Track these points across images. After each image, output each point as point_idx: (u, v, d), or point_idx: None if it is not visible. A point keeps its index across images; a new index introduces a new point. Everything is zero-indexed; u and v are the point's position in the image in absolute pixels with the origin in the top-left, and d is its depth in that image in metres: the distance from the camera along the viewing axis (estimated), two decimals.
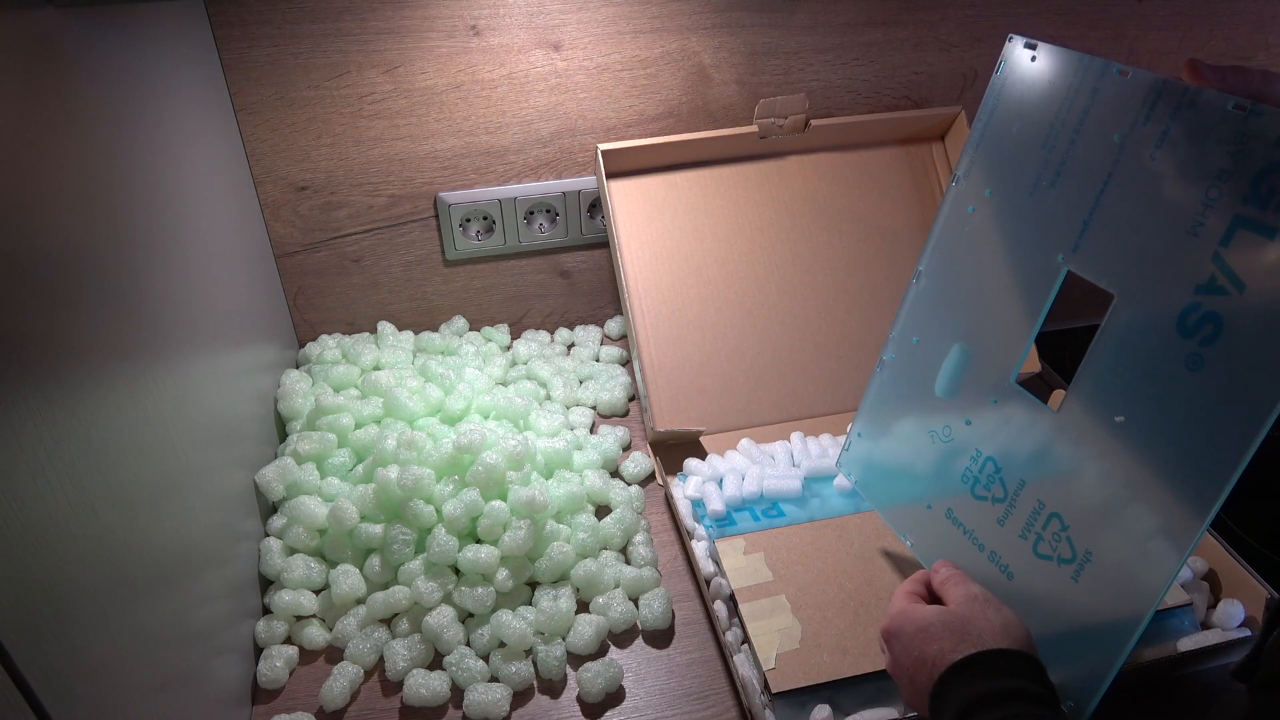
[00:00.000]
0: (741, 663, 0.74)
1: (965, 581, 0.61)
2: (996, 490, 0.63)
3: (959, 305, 0.69)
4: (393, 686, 0.77)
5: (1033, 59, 0.62)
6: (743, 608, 0.76)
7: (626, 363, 1.11)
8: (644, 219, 1.04)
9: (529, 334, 1.15)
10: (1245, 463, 0.50)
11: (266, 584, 0.84)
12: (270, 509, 0.89)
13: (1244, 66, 0.50)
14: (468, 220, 1.08)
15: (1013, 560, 0.61)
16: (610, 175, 1.03)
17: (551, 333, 1.17)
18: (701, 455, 0.95)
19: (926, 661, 0.56)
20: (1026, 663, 0.54)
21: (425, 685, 0.74)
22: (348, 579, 0.80)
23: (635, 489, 0.92)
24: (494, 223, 1.08)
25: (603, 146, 1.00)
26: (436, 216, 1.07)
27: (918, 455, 0.71)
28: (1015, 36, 0.64)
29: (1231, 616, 0.76)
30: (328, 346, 1.07)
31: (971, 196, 0.68)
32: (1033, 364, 1.03)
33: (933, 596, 0.64)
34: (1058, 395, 0.64)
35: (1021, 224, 0.64)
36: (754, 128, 1.04)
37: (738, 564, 0.80)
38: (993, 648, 0.54)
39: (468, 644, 0.78)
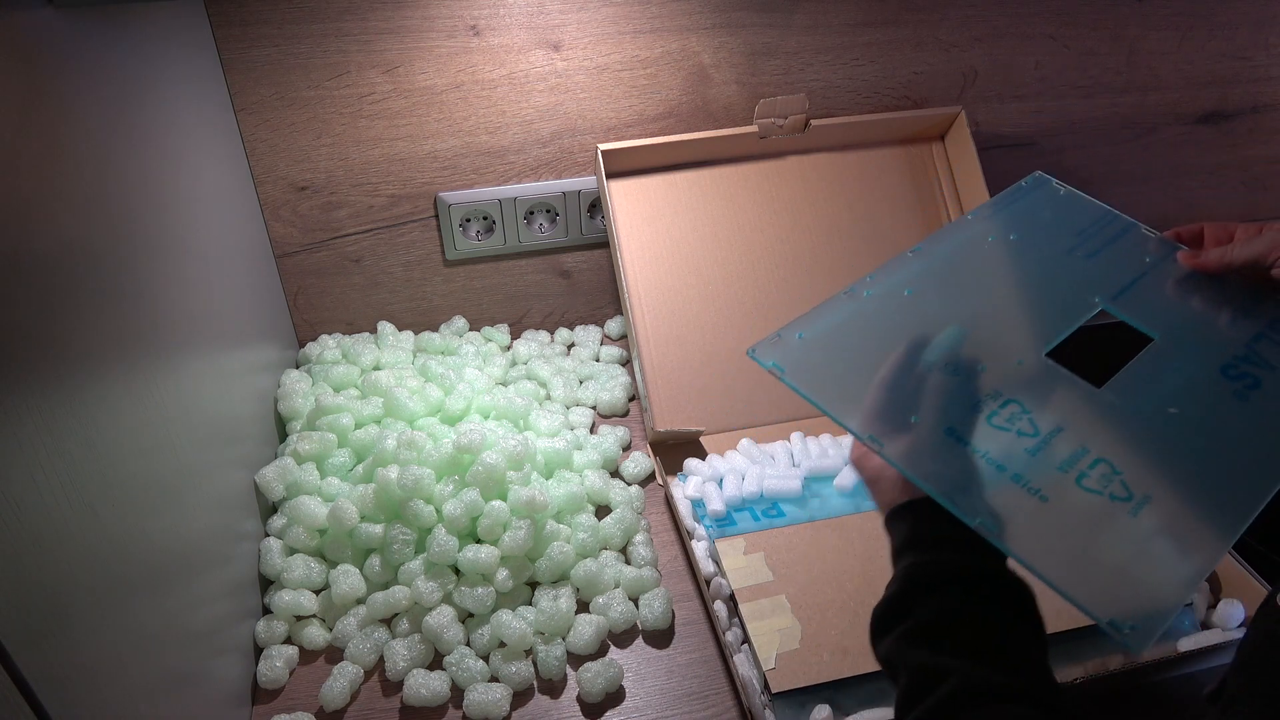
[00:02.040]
0: (741, 663, 0.74)
1: (871, 454, 0.64)
2: (1024, 426, 0.62)
3: (966, 288, 0.72)
4: (393, 686, 0.77)
5: (1062, 193, 0.75)
6: (743, 608, 0.76)
7: (626, 363, 1.11)
8: (644, 219, 1.04)
9: (529, 334, 1.15)
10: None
11: (266, 584, 0.84)
12: (270, 509, 0.89)
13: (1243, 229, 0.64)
14: (468, 220, 1.08)
15: (1047, 486, 0.59)
16: (610, 175, 1.03)
17: (551, 333, 1.17)
18: (701, 455, 0.95)
19: (886, 490, 0.61)
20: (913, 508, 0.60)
21: (425, 685, 0.74)
22: (348, 579, 0.80)
23: (635, 489, 0.92)
24: (494, 223, 1.08)
25: (603, 146, 1.00)
26: (436, 216, 1.07)
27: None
28: (1045, 175, 0.77)
29: (1231, 616, 0.76)
30: (328, 346, 1.07)
31: (993, 231, 0.74)
32: None
33: None
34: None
35: (1051, 268, 0.71)
36: (754, 128, 1.04)
37: (738, 564, 0.80)
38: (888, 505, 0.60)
39: (468, 644, 0.78)
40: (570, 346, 1.15)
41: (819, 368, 0.69)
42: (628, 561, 0.86)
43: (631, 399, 1.06)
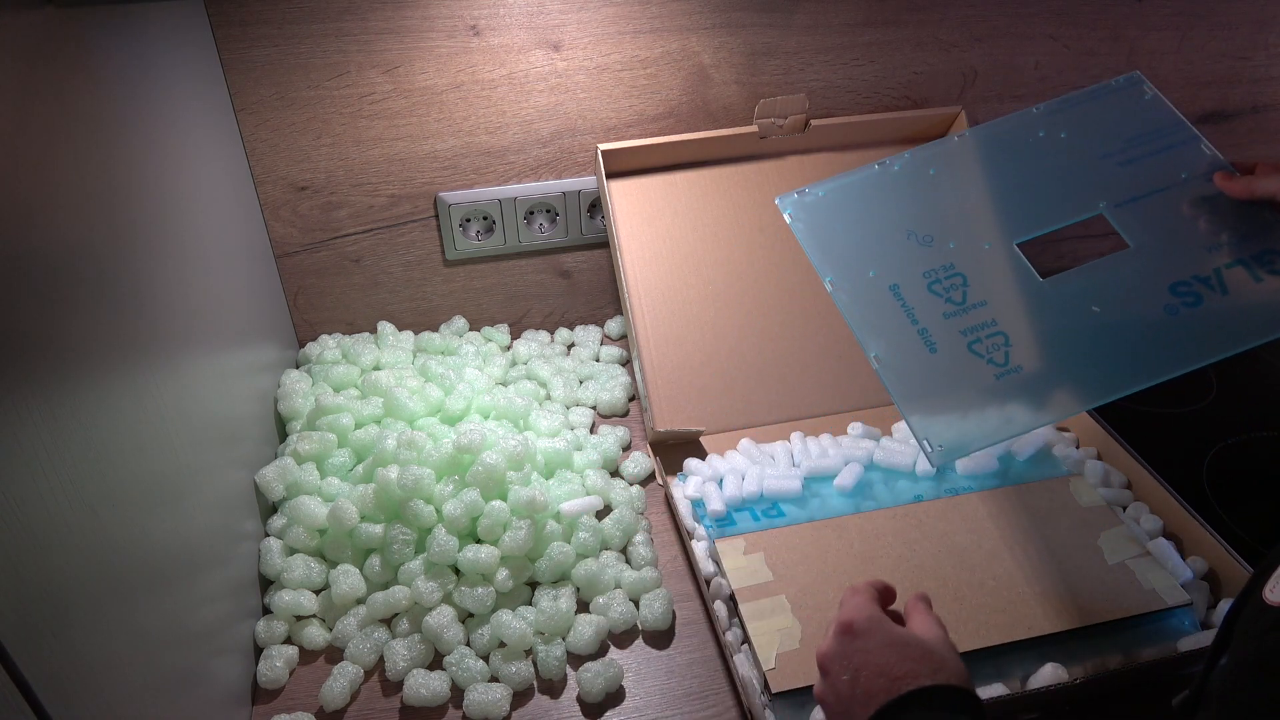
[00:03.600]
0: (741, 663, 0.74)
1: (932, 618, 0.60)
2: (955, 295, 0.73)
3: (989, 174, 0.80)
4: (393, 686, 0.77)
5: (1148, 97, 0.80)
6: (743, 608, 0.76)
7: (626, 363, 1.11)
8: (644, 219, 1.04)
9: (529, 334, 1.15)
10: (1159, 381, 0.66)
11: (266, 584, 0.84)
12: (270, 509, 0.89)
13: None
14: (468, 220, 1.08)
15: (942, 342, 0.71)
16: (610, 175, 1.03)
17: (551, 333, 1.17)
18: (701, 455, 0.95)
19: (890, 675, 0.55)
20: (980, 712, 0.54)
21: (425, 685, 0.74)
22: (348, 579, 0.80)
23: (635, 489, 0.92)
24: (494, 223, 1.08)
25: (603, 146, 1.00)
26: (436, 216, 1.07)
27: (883, 241, 0.78)
28: (1140, 77, 0.81)
29: None
30: (328, 346, 1.07)
31: (1047, 126, 0.81)
32: None
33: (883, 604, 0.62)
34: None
35: (1080, 169, 0.78)
36: (754, 128, 1.04)
37: (738, 564, 0.80)
38: (961, 685, 0.54)
39: (468, 644, 0.78)
40: (570, 346, 1.15)
41: (821, 222, 0.80)
42: (628, 562, 0.86)
43: (631, 399, 1.06)
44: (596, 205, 1.09)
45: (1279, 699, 0.43)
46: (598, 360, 1.12)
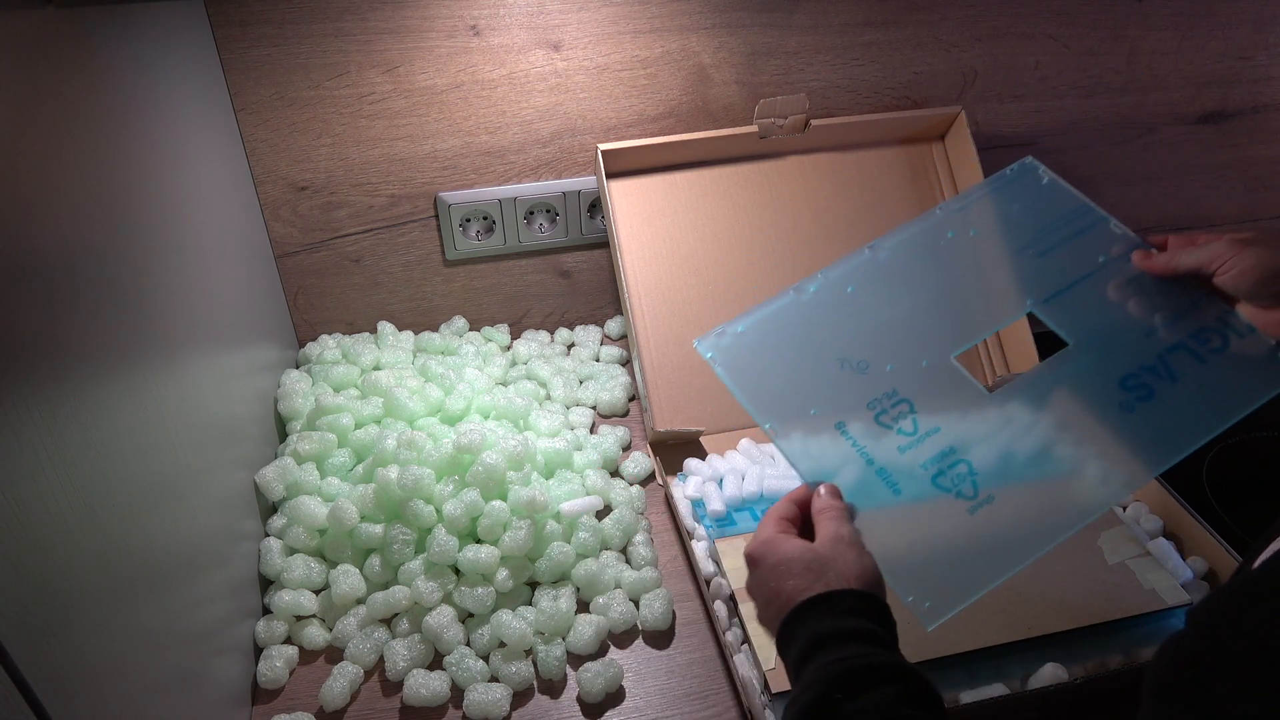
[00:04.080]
0: (741, 663, 0.74)
1: (839, 519, 0.60)
2: (905, 425, 0.68)
3: (909, 286, 0.75)
4: (393, 686, 0.77)
5: (1045, 181, 0.76)
6: (743, 608, 0.76)
7: (626, 363, 1.11)
8: (644, 219, 1.04)
9: (529, 334, 1.15)
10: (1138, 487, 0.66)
11: (266, 584, 0.84)
12: (270, 509, 0.89)
13: (1194, 240, 0.65)
14: (468, 220, 1.08)
15: (904, 481, 0.66)
16: (610, 175, 1.03)
17: (551, 333, 1.17)
18: (701, 455, 0.95)
19: (781, 595, 0.56)
20: (872, 604, 0.55)
21: (425, 685, 0.74)
22: (348, 579, 0.80)
23: (635, 489, 0.92)
24: (494, 223, 1.08)
25: (603, 146, 1.00)
26: (436, 216, 1.07)
27: (817, 374, 0.73)
28: (1034, 162, 0.77)
29: None
30: (328, 346, 1.07)
31: (955, 226, 0.76)
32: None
33: (804, 518, 0.64)
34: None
35: (998, 267, 0.73)
36: (754, 128, 1.04)
37: (738, 564, 0.80)
38: (842, 588, 0.55)
39: (468, 644, 0.78)
40: (570, 346, 1.15)
41: (747, 361, 0.74)
42: (628, 562, 0.86)
43: (631, 399, 1.06)
44: (596, 205, 1.09)
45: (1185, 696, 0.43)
46: (598, 360, 1.12)
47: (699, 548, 0.84)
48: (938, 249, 0.76)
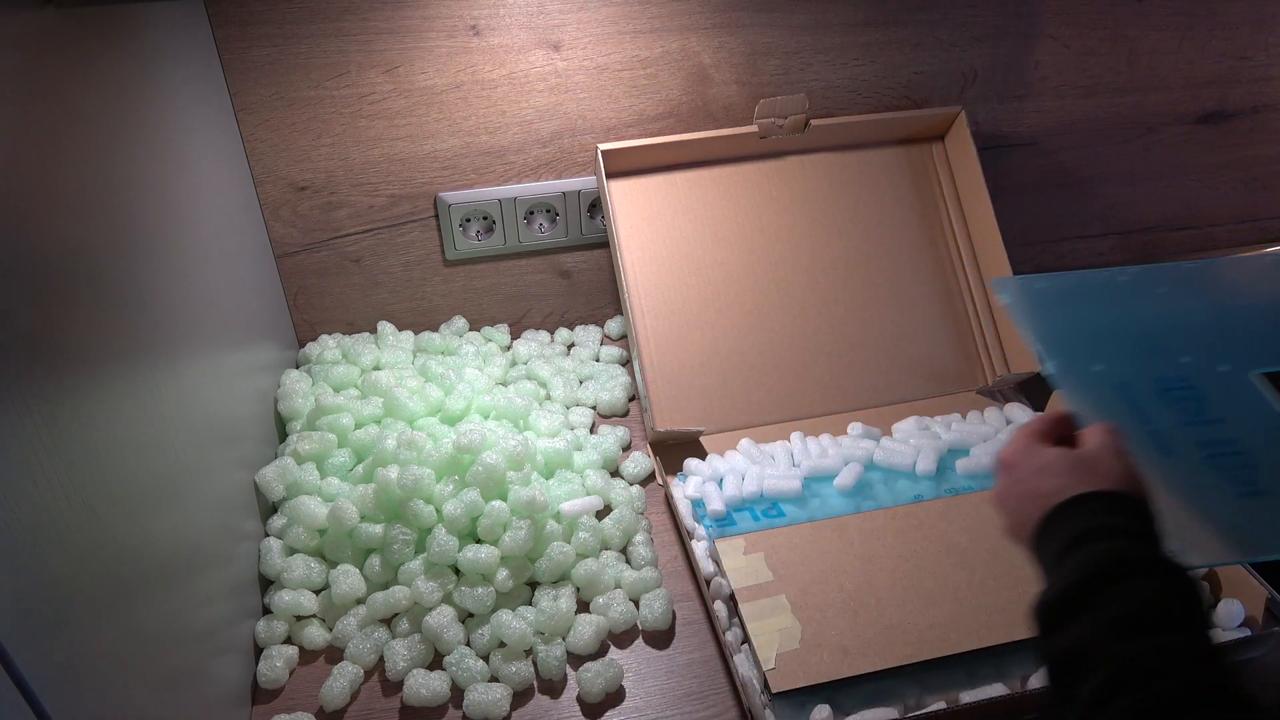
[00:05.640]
0: (741, 663, 0.74)
1: (1113, 433, 0.59)
2: (1190, 408, 0.67)
3: (1222, 299, 0.77)
4: (393, 686, 0.77)
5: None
6: (743, 608, 0.76)
7: (626, 363, 1.11)
8: (644, 219, 1.04)
9: (529, 334, 1.15)
10: None
11: (266, 584, 0.84)
12: (270, 509, 0.89)
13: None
14: (468, 220, 1.08)
15: (1177, 449, 0.65)
16: (610, 175, 1.03)
17: (551, 333, 1.17)
18: (701, 455, 0.95)
19: (1041, 496, 0.55)
20: (1141, 507, 0.54)
21: (425, 685, 0.74)
22: (348, 579, 0.80)
23: (635, 489, 0.92)
24: (494, 223, 1.08)
25: (603, 146, 1.00)
26: (436, 216, 1.07)
27: (1109, 341, 0.74)
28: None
29: (1232, 616, 0.76)
30: (328, 346, 1.07)
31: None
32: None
33: (1059, 441, 0.62)
34: None
35: None
36: (754, 128, 1.04)
37: (738, 564, 0.80)
38: (1110, 489, 0.54)
39: (468, 644, 0.78)
40: (570, 346, 1.15)
41: (1044, 311, 0.75)
42: (628, 561, 0.86)
43: (631, 399, 1.06)
44: (596, 205, 1.09)
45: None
46: (598, 360, 1.12)
47: (699, 548, 0.84)
48: (1264, 270, 0.78)
